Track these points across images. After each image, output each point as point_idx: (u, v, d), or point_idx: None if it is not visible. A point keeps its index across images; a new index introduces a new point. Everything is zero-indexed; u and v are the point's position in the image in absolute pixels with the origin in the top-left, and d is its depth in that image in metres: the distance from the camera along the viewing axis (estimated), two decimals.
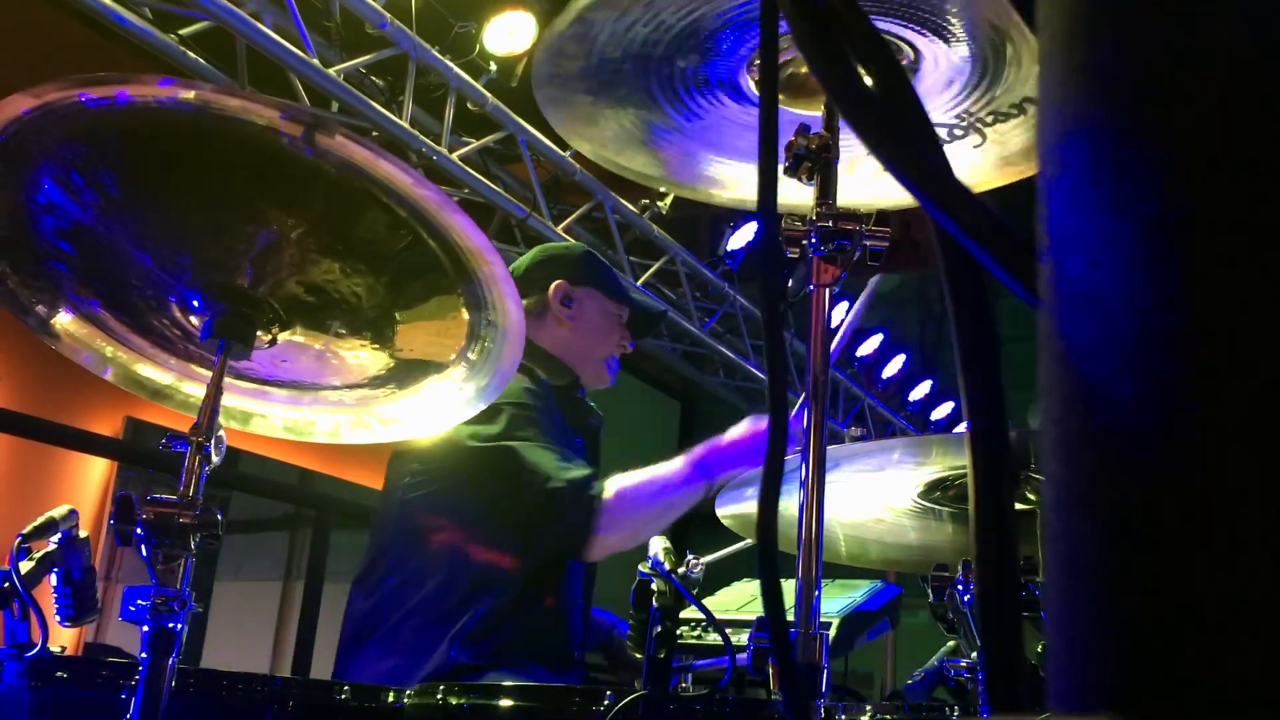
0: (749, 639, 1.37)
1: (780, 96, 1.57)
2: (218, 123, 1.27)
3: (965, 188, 0.39)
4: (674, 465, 2.49)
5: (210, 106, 1.26)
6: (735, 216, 6.75)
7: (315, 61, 4.21)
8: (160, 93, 1.24)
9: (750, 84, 1.53)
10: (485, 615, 2.40)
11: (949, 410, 8.95)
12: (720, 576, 3.03)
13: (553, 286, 2.71)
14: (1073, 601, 0.30)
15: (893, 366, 8.28)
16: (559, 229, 5.53)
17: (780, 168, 1.51)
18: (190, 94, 1.24)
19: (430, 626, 2.39)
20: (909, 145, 0.40)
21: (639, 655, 1.52)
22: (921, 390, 8.70)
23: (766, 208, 0.60)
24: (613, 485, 2.43)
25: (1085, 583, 0.29)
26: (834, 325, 2.17)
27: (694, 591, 1.54)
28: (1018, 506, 1.72)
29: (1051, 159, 0.35)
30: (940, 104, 1.50)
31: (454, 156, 4.86)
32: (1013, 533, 0.38)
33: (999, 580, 0.37)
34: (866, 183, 1.61)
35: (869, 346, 7.99)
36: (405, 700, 1.61)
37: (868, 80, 0.46)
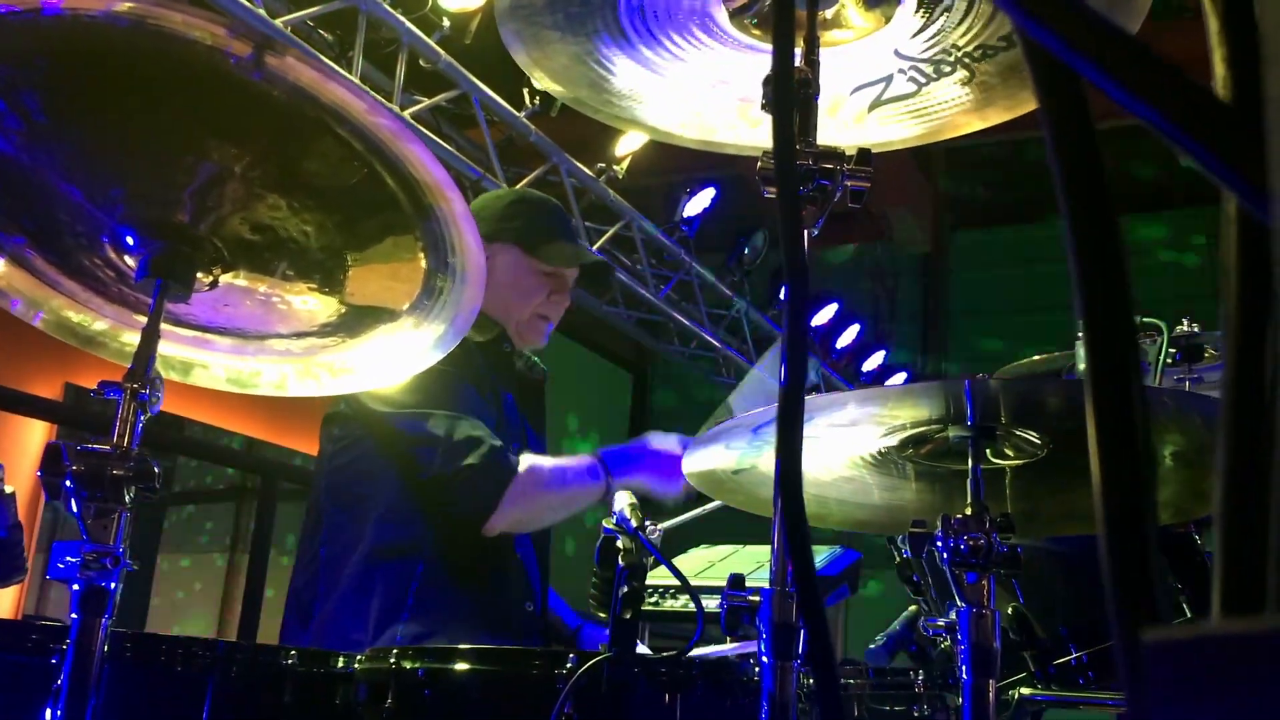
0: (722, 598, 1.31)
1: (755, 33, 1.49)
2: (157, 40, 1.17)
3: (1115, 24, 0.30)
4: (580, 459, 2.45)
5: (148, 22, 1.16)
6: (692, 183, 6.68)
7: (261, 12, 4.07)
8: (93, 5, 1.14)
9: (724, 17, 1.45)
10: (422, 585, 2.33)
11: (901, 381, 8.98)
12: (677, 543, 2.98)
13: None
14: None
15: (846, 337, 8.28)
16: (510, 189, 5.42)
17: (757, 106, 1.44)
18: (126, 6, 1.14)
19: (366, 596, 2.32)
20: None
21: (603, 615, 1.45)
22: (875, 360, 8.72)
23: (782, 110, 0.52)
24: (525, 461, 2.38)
25: None
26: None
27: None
28: (997, 463, 1.66)
29: None
30: (923, 39, 1.43)
31: (406, 115, 4.74)
32: (1145, 428, 0.31)
33: (1130, 475, 0.30)
34: (847, 127, 1.54)
35: (823, 317, 7.98)
36: (356, 665, 1.54)
37: None
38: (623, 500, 1.50)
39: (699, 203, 6.59)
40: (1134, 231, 7.78)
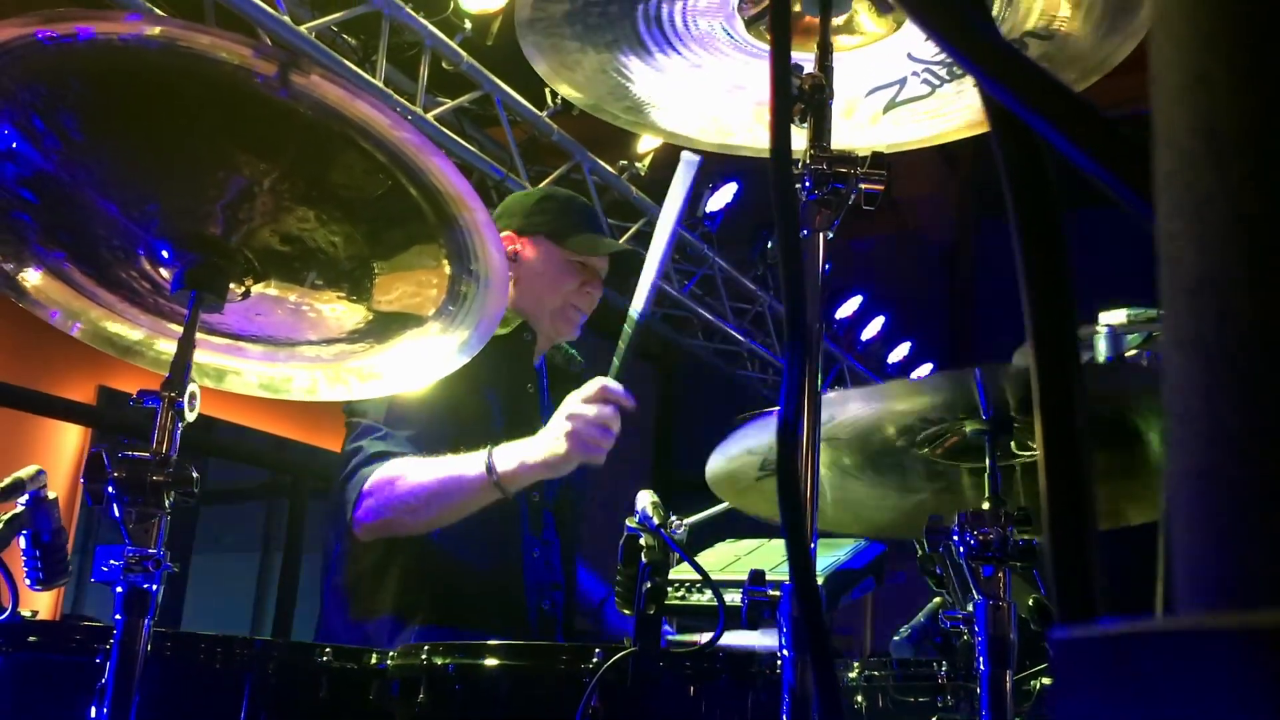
0: (743, 594, 1.34)
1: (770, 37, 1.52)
2: (186, 61, 1.21)
3: (1032, 62, 0.34)
4: (465, 459, 2.27)
5: (178, 44, 1.20)
6: (714, 178, 6.69)
7: (286, 18, 4.11)
8: (124, 29, 1.18)
9: (740, 25, 1.48)
10: (431, 592, 2.36)
11: (927, 372, 8.97)
12: (702, 539, 3.01)
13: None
14: (1202, 503, 0.26)
15: (872, 328, 8.27)
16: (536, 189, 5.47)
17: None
18: (156, 30, 1.18)
19: (376, 607, 2.37)
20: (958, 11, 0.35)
21: (627, 612, 1.49)
22: (901, 352, 8.71)
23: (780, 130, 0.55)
24: (384, 470, 2.30)
25: (1218, 483, 0.26)
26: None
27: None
28: (1020, 456, 1.68)
29: None
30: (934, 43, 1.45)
31: (429, 117, 4.78)
32: (1085, 437, 0.34)
33: (1071, 485, 0.33)
34: (863, 128, 1.57)
35: (849, 308, 7.98)
36: (388, 662, 1.58)
37: None
38: (645, 499, 1.52)
39: (721, 198, 6.61)
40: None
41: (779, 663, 1.38)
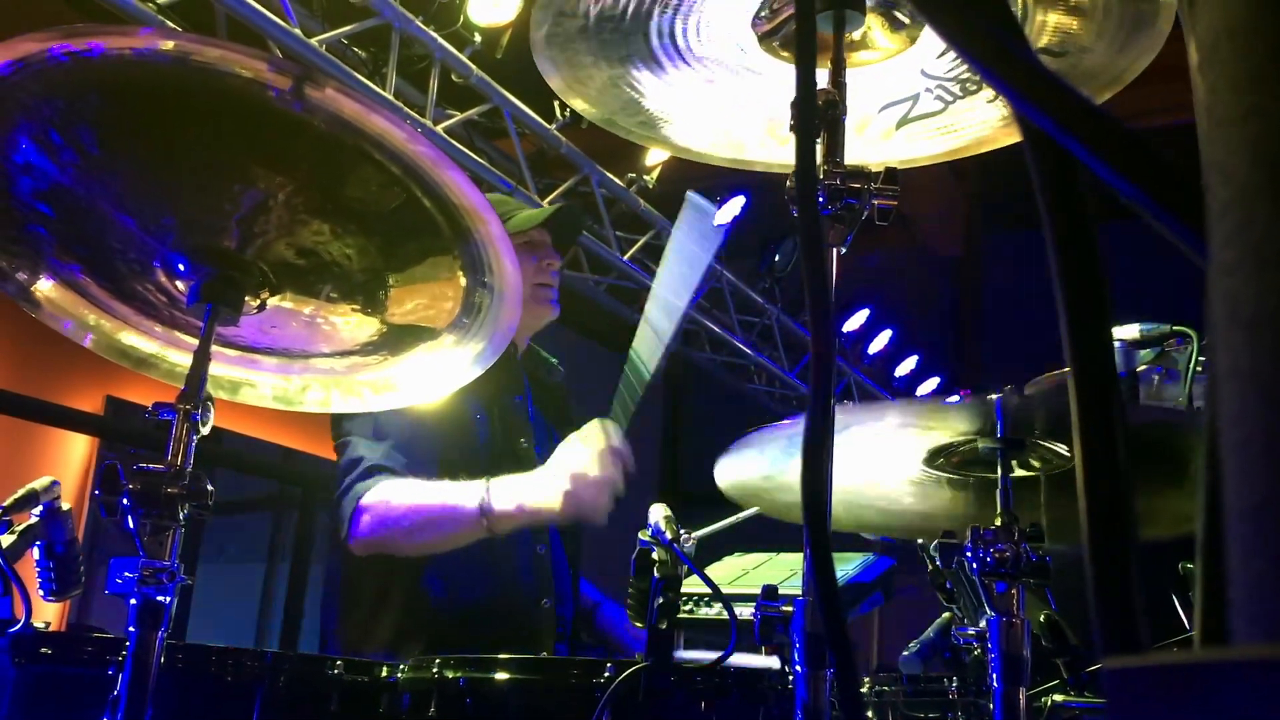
0: (755, 609, 1.34)
1: (784, 55, 1.52)
2: (200, 75, 1.22)
3: (1069, 85, 0.34)
4: (461, 490, 2.27)
5: (191, 58, 1.20)
6: (721, 190, 6.70)
7: (297, 31, 4.13)
8: (138, 43, 1.19)
9: (753, 40, 1.48)
10: (431, 596, 2.37)
11: (934, 386, 8.96)
12: (711, 551, 3.00)
13: None
14: (1262, 537, 0.26)
15: (879, 342, 8.26)
16: (545, 203, 5.48)
17: (786, 125, 1.47)
18: (169, 44, 1.19)
19: (376, 617, 2.38)
20: (995, 34, 0.35)
21: (639, 625, 1.48)
22: (908, 366, 8.70)
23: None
24: (380, 489, 2.32)
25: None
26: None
27: None
28: (1020, 473, 1.68)
29: None
30: (949, 59, 1.45)
31: (438, 129, 4.79)
32: (1126, 468, 0.34)
33: (1113, 516, 0.33)
34: (875, 143, 1.57)
35: (855, 322, 7.98)
36: (399, 674, 1.58)
37: None
38: (657, 513, 1.52)
39: (729, 210, 6.61)
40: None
41: (790, 678, 1.37)
